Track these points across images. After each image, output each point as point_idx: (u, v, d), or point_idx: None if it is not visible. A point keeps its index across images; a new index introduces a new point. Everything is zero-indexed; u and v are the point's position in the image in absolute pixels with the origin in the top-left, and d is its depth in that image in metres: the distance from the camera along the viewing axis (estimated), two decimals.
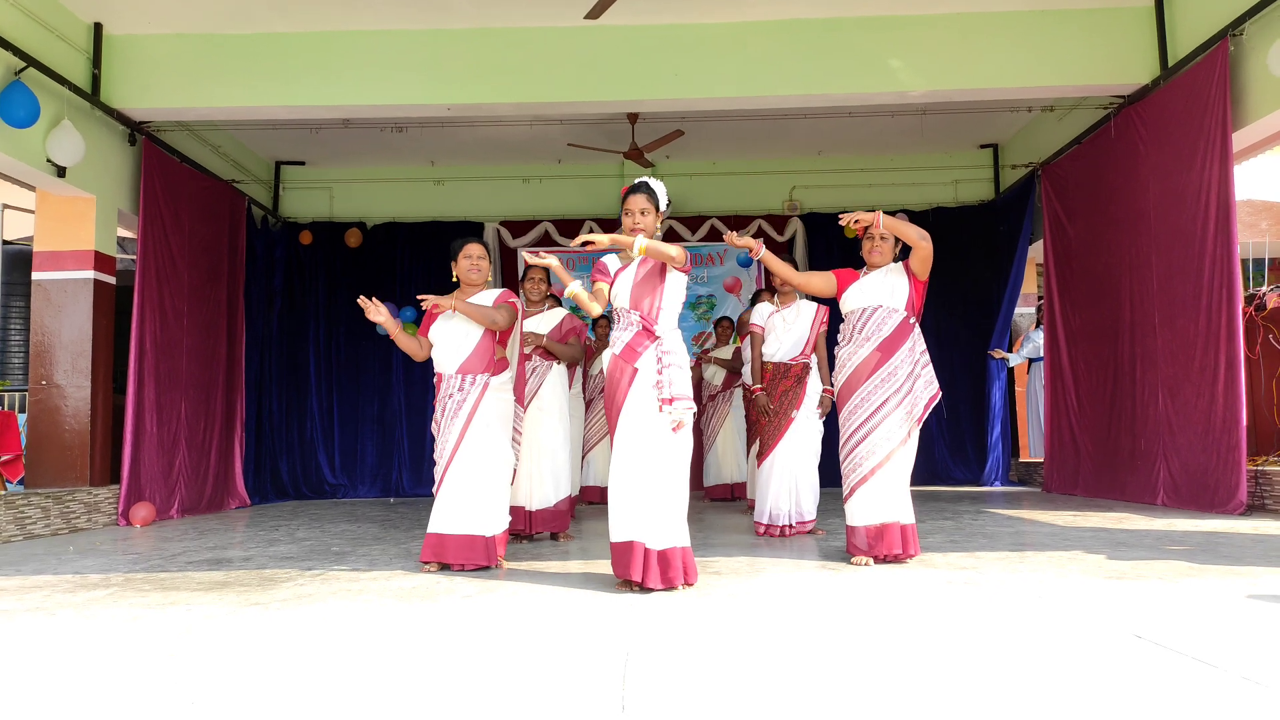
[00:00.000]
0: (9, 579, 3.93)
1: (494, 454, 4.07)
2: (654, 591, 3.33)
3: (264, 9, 6.58)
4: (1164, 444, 6.37)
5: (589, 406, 7.34)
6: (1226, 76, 5.74)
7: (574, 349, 5.29)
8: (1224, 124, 5.74)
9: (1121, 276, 6.98)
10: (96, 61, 6.68)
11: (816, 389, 5.32)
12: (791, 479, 5.18)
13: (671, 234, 9.56)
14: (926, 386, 4.05)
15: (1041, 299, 9.58)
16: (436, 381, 4.15)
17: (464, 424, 4.01)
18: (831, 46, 6.85)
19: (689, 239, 9.60)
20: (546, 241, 9.65)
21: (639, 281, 3.54)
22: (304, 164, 9.78)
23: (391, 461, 9.45)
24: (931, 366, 4.10)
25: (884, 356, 4.03)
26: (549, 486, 5.09)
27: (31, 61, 5.84)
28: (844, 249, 9.25)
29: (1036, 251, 9.08)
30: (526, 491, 5.04)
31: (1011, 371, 9.57)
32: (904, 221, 4.08)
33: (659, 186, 3.63)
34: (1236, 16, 5.67)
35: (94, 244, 6.61)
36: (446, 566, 4.00)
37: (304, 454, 9.39)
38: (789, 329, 5.29)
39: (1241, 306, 5.78)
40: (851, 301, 4.19)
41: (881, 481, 3.99)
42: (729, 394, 7.81)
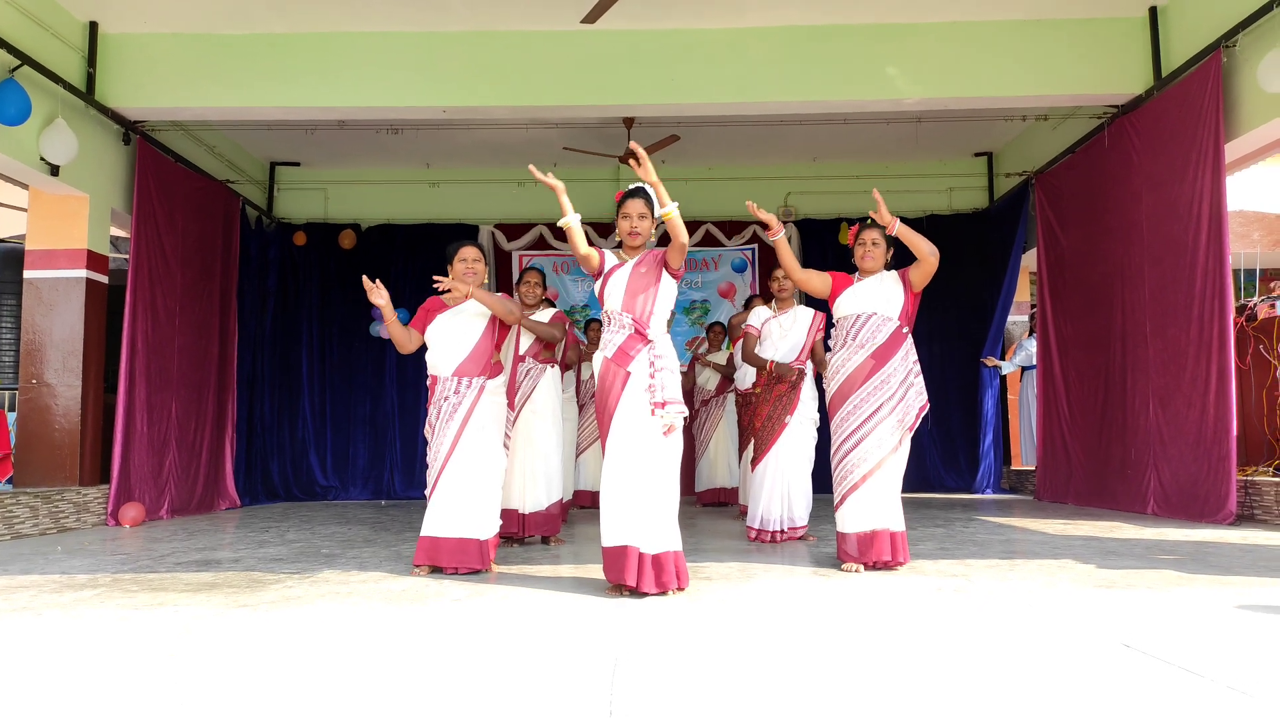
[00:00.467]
0: None
1: (489, 457, 4.06)
2: (647, 596, 3.33)
3: (260, 9, 6.57)
4: (1155, 453, 6.39)
5: (581, 410, 7.33)
6: (1219, 88, 5.77)
7: (556, 329, 5.18)
8: (1216, 135, 5.77)
9: (1114, 285, 7.01)
10: (91, 60, 6.66)
11: (811, 395, 5.30)
12: (784, 485, 5.16)
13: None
14: (917, 396, 4.06)
15: (1035, 307, 9.62)
16: (430, 384, 4.12)
17: (459, 427, 3.99)
18: (827, 53, 6.87)
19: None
20: (541, 245, 9.65)
21: (633, 283, 3.53)
22: (299, 165, 9.76)
23: (383, 463, 9.42)
24: (922, 377, 4.11)
25: (878, 364, 4.03)
26: (541, 489, 5.08)
27: (26, 59, 5.82)
28: (838, 255, 9.25)
29: (1030, 260, 9.11)
30: (519, 494, 5.02)
31: (1004, 379, 9.59)
32: (917, 234, 4.10)
33: (653, 193, 3.64)
34: (1229, 28, 5.70)
35: (86, 243, 6.59)
36: (438, 570, 3.99)
37: (295, 455, 9.35)
38: (785, 335, 5.29)
39: (1233, 317, 5.81)
40: (846, 307, 4.19)
41: (873, 489, 3.99)
42: (722, 399, 7.80)
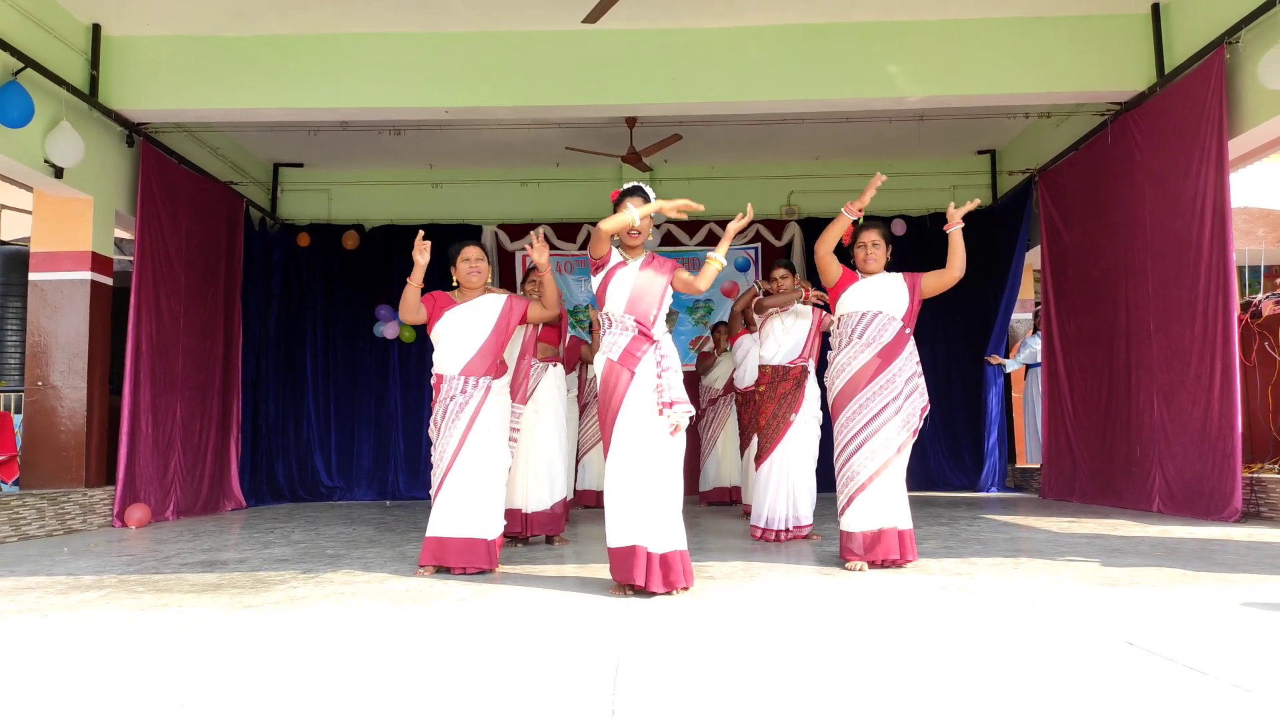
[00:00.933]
0: (2, 580, 3.92)
1: (495, 457, 4.07)
2: (656, 595, 3.33)
3: (262, 11, 6.58)
4: (1159, 450, 6.37)
5: (584, 411, 7.33)
6: (1222, 84, 5.76)
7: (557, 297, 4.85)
8: (1219, 131, 5.76)
9: (1117, 283, 6.99)
10: (95, 62, 6.67)
11: (815, 393, 5.28)
12: (789, 483, 5.16)
13: (670, 239, 9.58)
14: (920, 396, 4.07)
15: (1039, 305, 9.59)
16: (435, 383, 4.10)
17: (466, 426, 3.98)
18: (829, 52, 6.86)
19: (687, 243, 9.61)
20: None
21: (640, 288, 3.52)
22: (302, 166, 9.78)
23: (388, 464, 9.44)
24: (923, 378, 4.11)
25: (884, 363, 4.04)
26: (544, 489, 5.10)
27: (29, 62, 5.83)
28: (841, 255, 9.18)
29: (1034, 257, 9.09)
30: (522, 494, 5.03)
31: (1008, 377, 9.56)
32: (962, 247, 4.21)
33: (651, 193, 3.65)
34: (1232, 24, 5.68)
35: (91, 245, 6.60)
36: (444, 570, 3.98)
37: (300, 456, 9.37)
38: (787, 332, 5.28)
39: (1237, 313, 5.79)
40: (850, 304, 4.19)
41: (878, 490, 3.99)
42: (729, 398, 7.79)
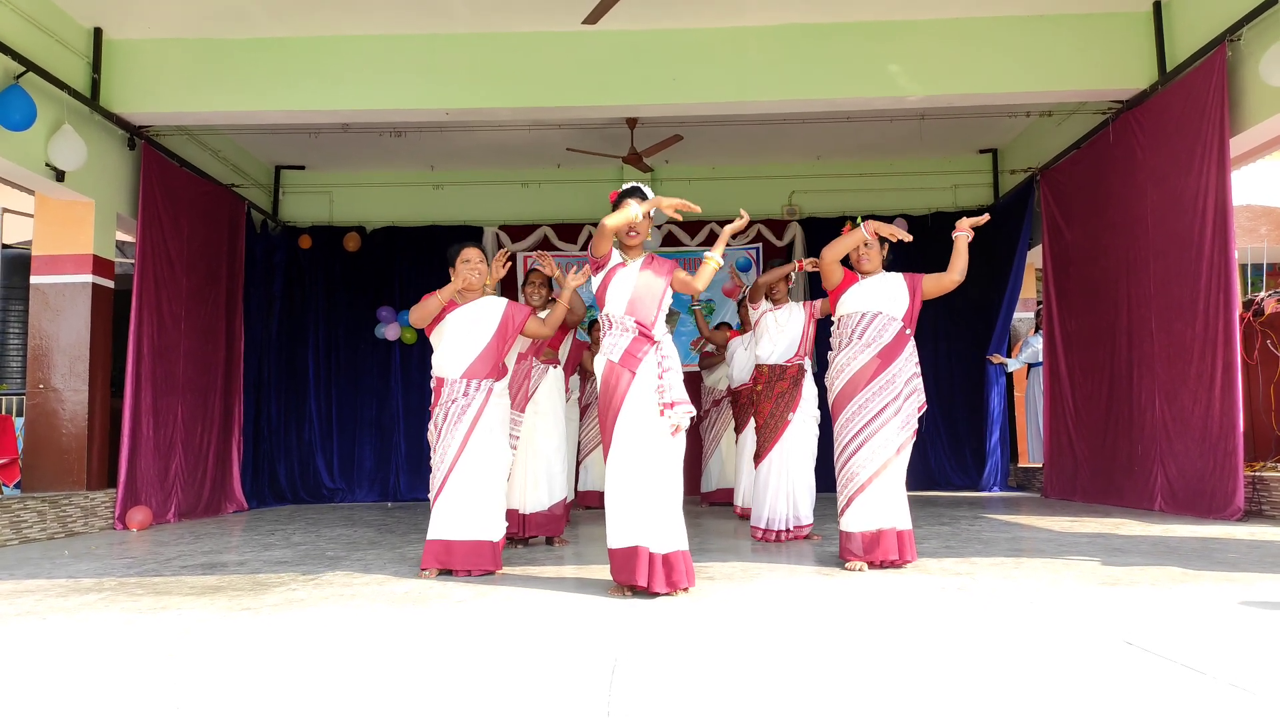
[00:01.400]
0: (2, 583, 3.92)
1: (496, 458, 4.07)
2: (658, 596, 3.33)
3: (263, 14, 6.59)
4: (1161, 449, 6.35)
5: (584, 412, 7.33)
6: (1224, 82, 5.74)
7: (579, 305, 5.00)
8: (1221, 129, 5.74)
9: (1119, 281, 6.97)
10: (96, 66, 6.69)
11: (812, 392, 5.28)
12: (789, 483, 5.15)
13: (671, 239, 9.56)
14: (919, 397, 4.07)
15: (1040, 304, 9.57)
16: (436, 386, 4.09)
17: (468, 429, 3.98)
18: (829, 51, 6.85)
19: (688, 243, 9.60)
20: (546, 246, 9.64)
21: (640, 289, 3.52)
22: (303, 168, 9.79)
23: (389, 466, 9.44)
24: (921, 379, 4.10)
25: (884, 363, 4.03)
26: (543, 490, 5.10)
27: (31, 66, 5.84)
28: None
29: (1035, 256, 9.07)
30: (520, 495, 5.03)
31: (1011, 376, 9.54)
32: (965, 254, 4.19)
33: (650, 193, 3.65)
34: (1234, 22, 5.66)
35: (92, 248, 6.61)
36: (447, 572, 3.97)
37: (302, 458, 9.38)
38: (782, 331, 5.27)
39: (1239, 311, 5.77)
40: (850, 304, 4.18)
41: (878, 490, 3.98)
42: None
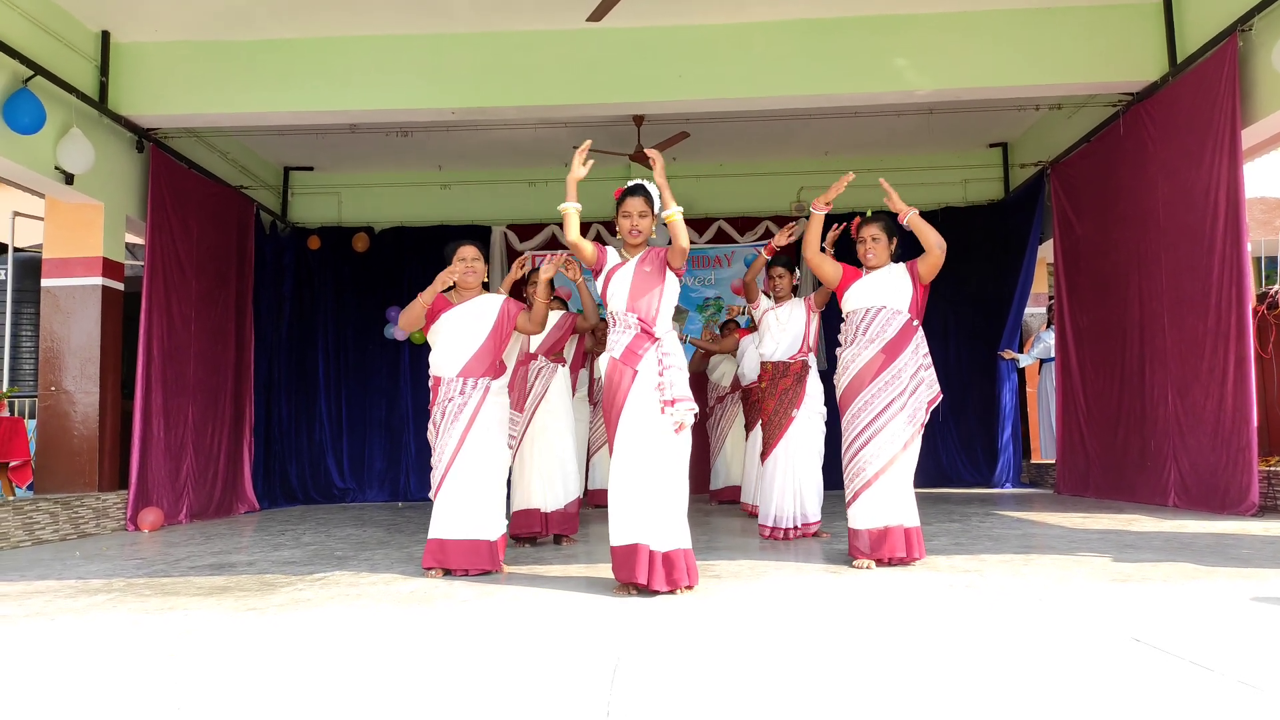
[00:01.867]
0: (13, 584, 3.95)
1: (494, 458, 4.07)
2: (658, 594, 3.31)
3: (269, 16, 6.61)
4: (1174, 444, 6.30)
5: (594, 409, 7.32)
6: (1235, 73, 5.68)
7: (595, 313, 5.19)
8: (1233, 121, 5.68)
9: (1130, 275, 6.91)
10: (104, 69, 6.72)
11: (817, 388, 5.25)
12: (795, 480, 5.13)
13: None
14: (928, 389, 4.02)
15: (1052, 299, 9.51)
16: (433, 385, 4.11)
17: (465, 428, 3.99)
18: (836, 46, 6.81)
19: (697, 241, 9.57)
20: (554, 245, 9.64)
21: (637, 283, 3.51)
22: (312, 169, 9.82)
23: (399, 466, 9.46)
24: (933, 369, 4.07)
25: (889, 359, 4.00)
26: (559, 488, 5.12)
27: (40, 70, 5.88)
28: (849, 250, 9.16)
29: (1047, 251, 9.01)
30: (540, 494, 5.04)
31: (1023, 372, 9.48)
32: (928, 225, 4.08)
33: (654, 189, 3.64)
34: (1245, 12, 5.60)
35: (102, 250, 6.65)
36: (450, 572, 3.98)
37: (313, 458, 9.41)
38: (784, 328, 5.24)
39: (1252, 305, 5.71)
40: (854, 301, 4.17)
41: (885, 486, 3.96)
42: (736, 396, 7.76)
